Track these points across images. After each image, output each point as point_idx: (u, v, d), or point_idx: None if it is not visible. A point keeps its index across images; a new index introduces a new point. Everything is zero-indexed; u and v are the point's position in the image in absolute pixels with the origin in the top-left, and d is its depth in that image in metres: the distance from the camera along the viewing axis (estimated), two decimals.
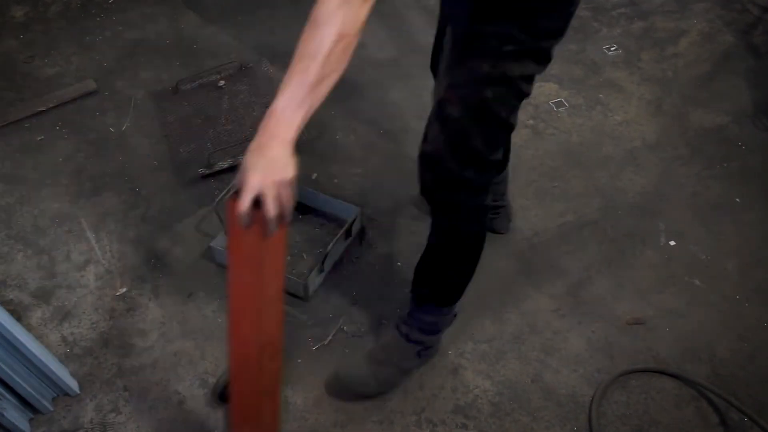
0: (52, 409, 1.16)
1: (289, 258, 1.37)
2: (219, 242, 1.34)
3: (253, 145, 0.68)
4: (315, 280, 1.31)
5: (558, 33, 0.86)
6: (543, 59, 0.86)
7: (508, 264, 1.38)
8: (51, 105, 1.73)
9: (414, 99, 1.76)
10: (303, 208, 1.44)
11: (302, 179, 1.58)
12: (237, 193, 0.69)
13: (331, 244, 1.30)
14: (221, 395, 1.11)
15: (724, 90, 1.76)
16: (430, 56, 1.19)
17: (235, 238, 0.72)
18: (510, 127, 0.91)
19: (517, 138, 1.66)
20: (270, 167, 0.66)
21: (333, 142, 1.65)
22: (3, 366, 1.03)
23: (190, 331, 1.28)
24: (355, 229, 1.37)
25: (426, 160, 0.89)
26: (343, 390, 1.12)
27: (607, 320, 1.28)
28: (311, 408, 1.15)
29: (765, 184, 1.52)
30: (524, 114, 1.71)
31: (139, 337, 1.27)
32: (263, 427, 0.95)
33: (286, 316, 1.30)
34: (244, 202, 0.67)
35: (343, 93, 1.78)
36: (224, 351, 1.25)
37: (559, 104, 1.74)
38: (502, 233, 1.34)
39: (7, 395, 1.07)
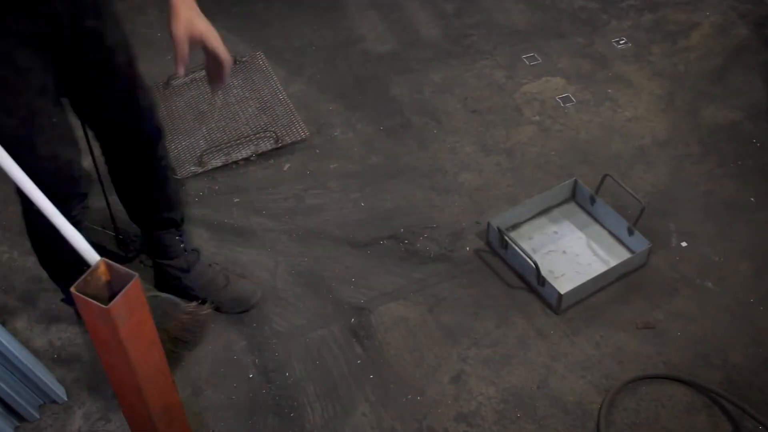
0: (38, 416, 1.13)
1: None
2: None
3: (185, 14, 0.84)
4: None
5: None
6: None
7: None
8: None
9: (415, 94, 1.72)
10: None
11: (299, 174, 1.55)
12: (84, 285, 0.70)
13: None
14: None
15: (738, 85, 1.72)
16: (431, 50, 1.14)
17: (93, 329, 0.73)
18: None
19: (523, 135, 1.61)
20: (202, 17, 0.84)
21: (331, 138, 1.61)
22: None
23: None
24: None
25: None
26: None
27: (616, 324, 1.25)
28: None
29: None
30: (530, 110, 1.67)
31: None
32: None
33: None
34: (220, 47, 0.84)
35: (342, 88, 1.74)
36: (219, 355, 1.21)
37: (566, 99, 1.69)
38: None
39: None
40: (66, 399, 1.15)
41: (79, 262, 1.09)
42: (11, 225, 1.45)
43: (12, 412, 1.09)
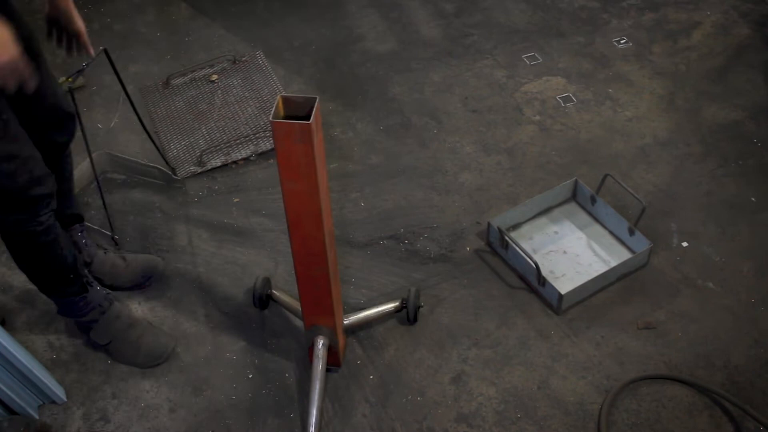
0: (37, 417, 1.13)
1: None
2: None
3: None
4: None
5: None
6: None
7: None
8: None
9: (415, 94, 1.71)
10: None
11: None
12: (283, 109, 0.80)
13: None
14: (261, 302, 1.23)
15: (740, 84, 1.71)
16: (431, 49, 1.14)
17: (287, 155, 0.82)
18: None
19: (523, 134, 1.61)
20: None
21: (331, 138, 1.60)
22: None
23: (181, 336, 1.24)
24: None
25: None
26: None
27: (617, 325, 1.24)
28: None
29: None
30: (531, 109, 1.66)
31: None
32: (336, 310, 1.05)
33: None
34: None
35: (342, 87, 1.73)
36: (218, 356, 1.20)
37: (566, 99, 1.69)
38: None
39: None
40: (65, 399, 1.15)
41: (68, 275, 1.07)
42: None
43: (11, 413, 1.09)
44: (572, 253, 1.35)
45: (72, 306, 1.14)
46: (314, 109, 0.80)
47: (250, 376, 1.18)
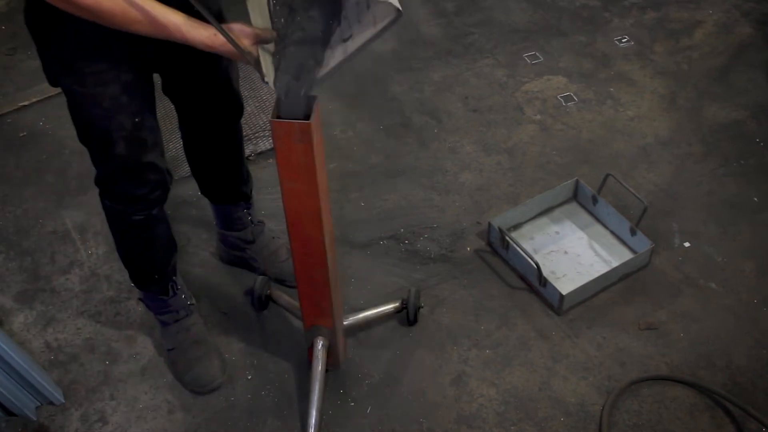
0: (35, 419, 1.13)
1: None
2: None
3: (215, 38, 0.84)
4: None
5: None
6: None
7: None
8: (34, 99, 1.68)
9: (415, 93, 1.71)
10: None
11: None
12: (279, 110, 0.80)
13: None
14: (261, 302, 1.22)
15: (742, 84, 1.71)
16: (432, 48, 1.14)
17: (287, 154, 0.82)
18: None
19: (524, 134, 1.60)
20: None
21: (331, 137, 1.60)
22: None
23: None
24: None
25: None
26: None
27: (618, 325, 1.24)
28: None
29: None
30: (531, 109, 1.65)
31: (127, 342, 1.23)
32: (335, 312, 1.05)
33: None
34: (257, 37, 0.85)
35: (342, 87, 1.73)
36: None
37: (567, 98, 1.68)
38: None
39: None
40: (63, 401, 1.15)
41: (153, 274, 1.08)
42: (8, 225, 1.44)
43: (8, 414, 1.08)
44: (573, 253, 1.35)
45: (150, 301, 1.15)
46: (316, 106, 0.79)
47: (249, 377, 1.18)
